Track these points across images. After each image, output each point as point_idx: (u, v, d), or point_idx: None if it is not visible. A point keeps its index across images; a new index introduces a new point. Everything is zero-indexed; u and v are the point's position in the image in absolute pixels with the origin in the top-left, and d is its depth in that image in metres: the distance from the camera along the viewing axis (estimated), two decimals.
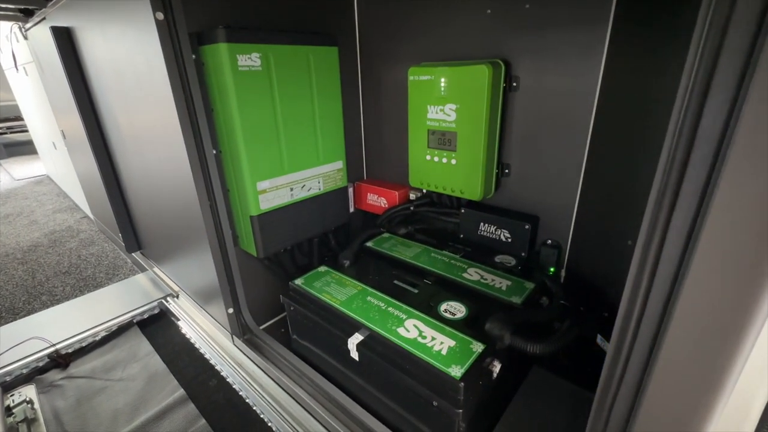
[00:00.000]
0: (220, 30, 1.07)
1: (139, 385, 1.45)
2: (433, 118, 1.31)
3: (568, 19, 1.07)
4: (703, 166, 0.38)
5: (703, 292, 0.42)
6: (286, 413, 1.26)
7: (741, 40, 0.33)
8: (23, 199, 4.08)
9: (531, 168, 1.29)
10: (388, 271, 1.30)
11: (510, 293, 1.15)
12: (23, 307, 2.15)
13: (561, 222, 1.27)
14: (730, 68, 0.34)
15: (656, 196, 0.44)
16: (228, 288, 1.38)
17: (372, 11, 1.51)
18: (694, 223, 0.40)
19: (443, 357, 0.92)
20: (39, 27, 2.00)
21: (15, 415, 1.30)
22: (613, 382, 0.58)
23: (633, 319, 0.53)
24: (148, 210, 1.77)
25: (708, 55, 0.36)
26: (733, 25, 0.33)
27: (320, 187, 1.46)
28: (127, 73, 1.32)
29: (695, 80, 0.37)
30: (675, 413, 0.51)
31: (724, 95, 0.35)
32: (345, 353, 1.09)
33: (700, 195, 0.38)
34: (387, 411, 1.09)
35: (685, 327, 0.45)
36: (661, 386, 0.51)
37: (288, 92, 1.25)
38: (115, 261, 2.62)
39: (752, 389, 0.51)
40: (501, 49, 1.22)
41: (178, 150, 1.19)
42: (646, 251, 0.48)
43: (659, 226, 0.45)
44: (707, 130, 0.37)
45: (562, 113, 1.16)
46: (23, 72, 2.94)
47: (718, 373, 0.45)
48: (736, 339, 0.41)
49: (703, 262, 0.40)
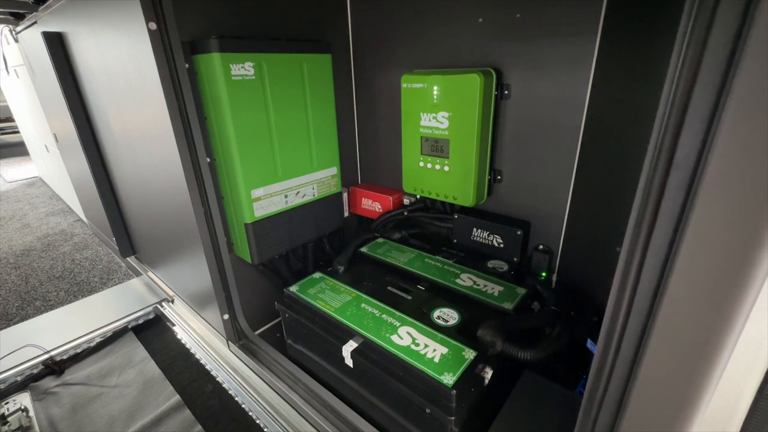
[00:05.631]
0: (213, 40, 1.08)
1: (135, 391, 1.46)
2: (426, 126, 1.32)
3: (558, 29, 1.08)
4: (680, 191, 0.40)
5: (684, 295, 0.44)
6: (282, 418, 1.27)
7: (712, 75, 0.35)
8: (15, 201, 4.05)
9: (523, 175, 1.31)
10: (382, 277, 1.32)
11: (502, 299, 1.16)
12: (17, 313, 2.13)
13: (552, 228, 1.29)
14: (707, 91, 0.36)
15: (640, 202, 0.46)
16: (223, 294, 1.39)
17: (365, 19, 1.52)
18: (678, 225, 0.42)
19: (436, 364, 0.93)
20: (30, 30, 1.98)
21: (10, 424, 1.30)
22: (601, 384, 0.60)
23: (618, 323, 0.55)
24: (143, 215, 1.77)
25: (687, 73, 0.37)
26: (706, 60, 0.35)
27: (314, 193, 1.47)
28: (120, 80, 1.32)
29: (674, 98, 0.39)
30: (660, 412, 0.53)
31: (703, 111, 0.36)
32: (339, 360, 1.11)
33: (683, 199, 0.40)
34: (381, 416, 1.10)
35: (667, 331, 0.47)
36: (646, 387, 0.53)
37: (281, 100, 1.26)
38: (109, 265, 2.61)
39: (736, 390, 0.53)
40: (493, 57, 1.23)
41: (171, 158, 1.19)
42: (630, 258, 0.50)
43: (642, 233, 0.47)
44: (685, 148, 0.38)
45: (553, 121, 1.18)
46: (14, 74, 2.92)
47: (700, 375, 0.46)
48: (716, 343, 0.43)
49: (684, 267, 0.42)
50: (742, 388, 0.55)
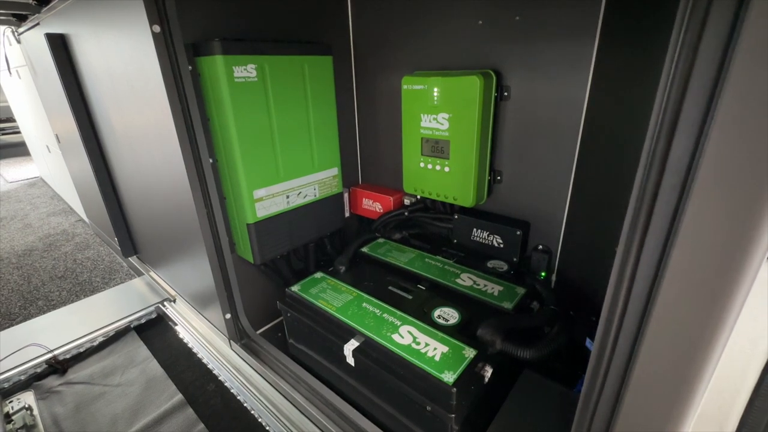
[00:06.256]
0: (216, 42, 1.09)
1: (138, 390, 1.47)
2: (426, 127, 1.33)
3: (557, 31, 1.10)
4: (673, 193, 0.41)
5: (677, 295, 0.45)
6: (284, 417, 1.28)
7: (702, 84, 0.36)
8: (17, 202, 4.06)
9: (522, 175, 1.32)
10: (383, 276, 1.33)
11: (501, 298, 1.18)
12: (19, 313, 2.15)
13: (552, 228, 1.30)
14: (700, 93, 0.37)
15: (635, 205, 0.48)
16: (225, 294, 1.40)
17: (366, 21, 1.53)
18: (671, 226, 0.43)
19: (436, 363, 0.95)
20: (33, 32, 2.00)
21: (14, 422, 1.31)
22: (597, 381, 0.61)
23: (614, 322, 0.56)
24: (144, 216, 1.78)
25: (679, 78, 0.39)
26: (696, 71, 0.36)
27: (316, 193, 1.48)
28: (122, 81, 1.33)
29: (668, 101, 0.41)
30: (655, 409, 0.54)
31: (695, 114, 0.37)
32: (341, 358, 1.12)
33: (676, 200, 0.41)
34: (382, 414, 1.12)
35: (661, 329, 0.49)
36: (641, 384, 0.54)
37: (283, 102, 1.27)
38: (111, 265, 2.63)
39: (732, 389, 0.54)
40: (492, 59, 1.24)
41: (174, 158, 1.20)
42: (625, 258, 0.51)
43: (637, 235, 0.49)
44: (678, 152, 0.40)
45: (552, 122, 1.19)
46: (16, 75, 2.93)
47: (693, 372, 0.48)
48: (708, 341, 0.44)
49: (677, 267, 0.43)
50: (738, 387, 0.56)
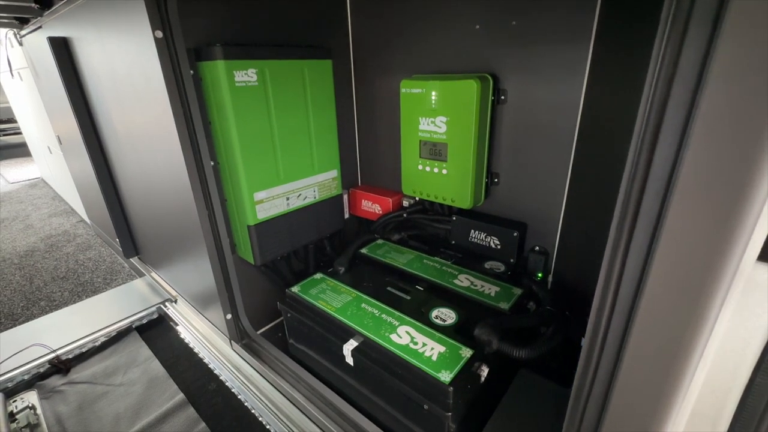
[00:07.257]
0: (218, 47, 1.11)
1: (140, 389, 1.49)
2: (424, 130, 1.35)
3: (553, 35, 1.11)
4: (657, 199, 0.43)
5: (660, 294, 0.47)
6: (284, 416, 1.30)
7: (683, 91, 0.38)
8: (18, 202, 4.08)
9: (519, 177, 1.34)
10: (382, 277, 1.35)
11: (498, 299, 1.19)
12: (22, 313, 2.17)
13: (548, 229, 1.32)
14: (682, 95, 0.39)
15: (620, 210, 0.50)
16: (226, 294, 1.42)
17: (365, 25, 1.55)
18: (654, 230, 0.45)
19: (433, 363, 0.96)
20: (35, 35, 2.01)
21: (18, 421, 1.33)
22: (587, 379, 0.63)
23: (603, 320, 0.58)
24: (146, 217, 1.80)
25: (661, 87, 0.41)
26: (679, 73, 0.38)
27: (315, 195, 1.50)
28: (124, 84, 1.35)
29: (651, 106, 0.43)
30: (642, 405, 0.56)
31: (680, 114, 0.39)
32: (340, 358, 1.14)
33: (660, 201, 0.43)
34: (381, 413, 1.13)
35: (646, 327, 0.51)
36: (628, 381, 0.56)
37: (283, 105, 1.29)
38: (112, 266, 2.64)
39: (724, 387, 0.56)
40: (489, 63, 1.26)
41: (176, 161, 1.22)
42: (612, 260, 0.53)
43: (623, 237, 0.51)
44: (661, 160, 0.42)
45: (548, 125, 1.21)
46: (18, 76, 2.95)
47: (676, 367, 0.50)
48: (690, 338, 0.46)
49: (660, 268, 0.45)
50: (730, 385, 0.58)
